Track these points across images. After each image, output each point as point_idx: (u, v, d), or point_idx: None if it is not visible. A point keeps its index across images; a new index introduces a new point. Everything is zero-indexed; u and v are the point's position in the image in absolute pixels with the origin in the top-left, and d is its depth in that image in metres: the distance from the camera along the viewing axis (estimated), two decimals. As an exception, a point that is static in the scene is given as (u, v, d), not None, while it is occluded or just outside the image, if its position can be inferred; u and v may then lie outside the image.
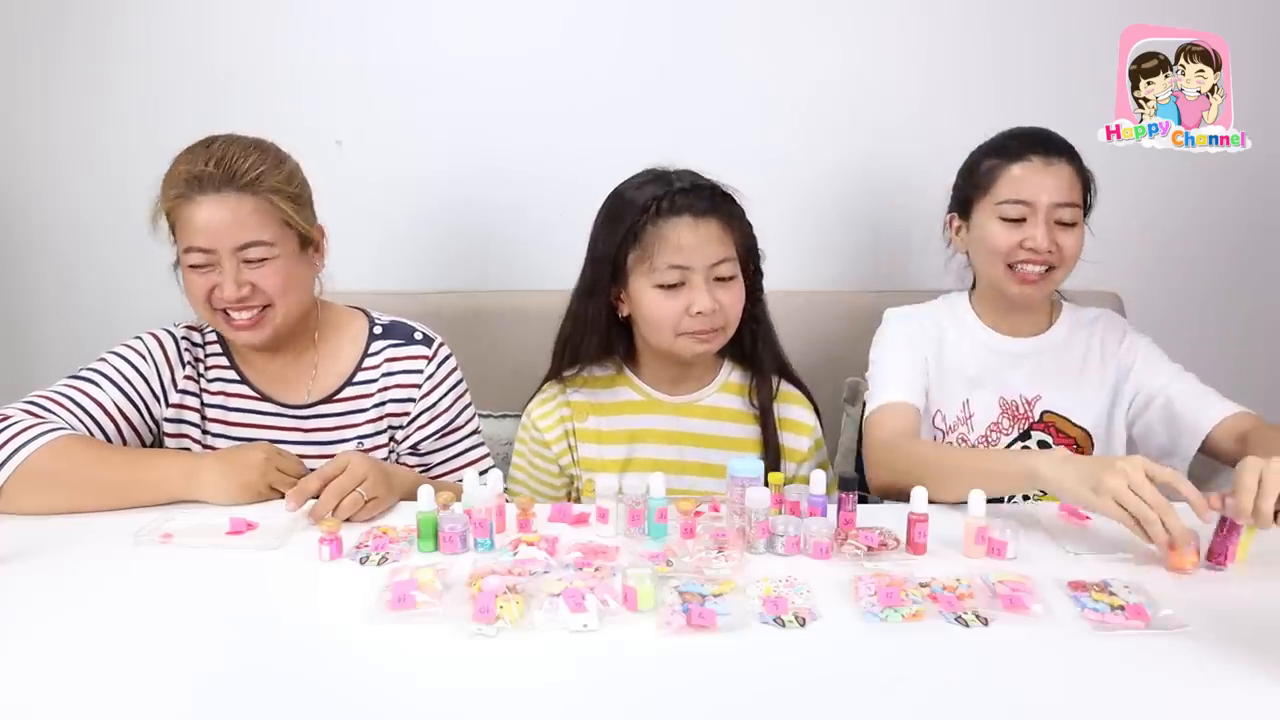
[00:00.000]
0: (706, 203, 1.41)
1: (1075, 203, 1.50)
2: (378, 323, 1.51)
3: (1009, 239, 1.51)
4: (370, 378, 1.47)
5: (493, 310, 1.98)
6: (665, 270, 1.40)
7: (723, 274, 1.42)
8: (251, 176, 1.32)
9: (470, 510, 1.18)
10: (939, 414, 1.60)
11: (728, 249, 1.42)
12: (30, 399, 1.34)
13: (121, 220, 2.04)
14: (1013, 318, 1.60)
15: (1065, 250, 1.50)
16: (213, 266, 1.33)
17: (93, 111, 2.00)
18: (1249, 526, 1.11)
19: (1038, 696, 0.88)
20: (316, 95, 1.98)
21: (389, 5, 1.97)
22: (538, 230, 2.05)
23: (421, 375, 1.47)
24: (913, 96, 2.02)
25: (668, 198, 1.41)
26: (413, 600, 1.01)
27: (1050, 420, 1.58)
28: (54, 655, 0.94)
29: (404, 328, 1.51)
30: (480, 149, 2.02)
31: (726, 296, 1.43)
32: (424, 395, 1.47)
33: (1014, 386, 1.59)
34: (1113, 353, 1.59)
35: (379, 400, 1.46)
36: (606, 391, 1.54)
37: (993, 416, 1.58)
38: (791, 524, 1.17)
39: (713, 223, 1.41)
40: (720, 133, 1.98)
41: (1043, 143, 1.52)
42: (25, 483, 1.24)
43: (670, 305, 1.42)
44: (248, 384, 1.46)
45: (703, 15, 1.99)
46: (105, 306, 2.06)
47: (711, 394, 1.54)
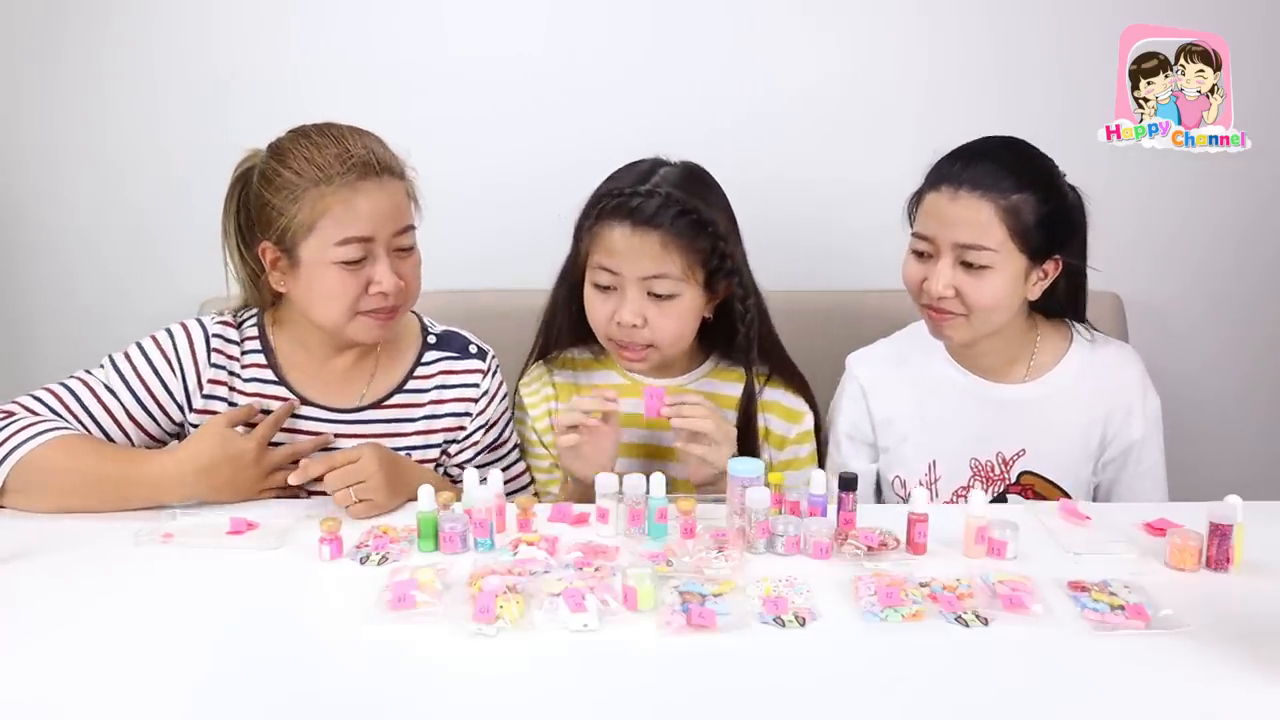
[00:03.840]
0: (658, 214, 1.34)
1: (981, 245, 1.29)
2: (431, 331, 1.48)
3: (915, 275, 1.36)
4: (422, 387, 1.43)
5: (492, 310, 1.97)
6: (597, 270, 1.39)
7: (658, 290, 1.36)
8: (399, 162, 1.31)
9: (470, 510, 1.18)
10: (898, 480, 1.45)
11: (666, 266, 1.35)
12: (41, 390, 1.33)
13: (121, 221, 2.05)
14: (993, 355, 1.40)
15: (968, 298, 1.31)
16: (365, 260, 1.28)
17: (92, 111, 1.99)
18: (1238, 525, 1.11)
19: (1038, 696, 0.88)
20: (316, 95, 1.98)
21: (389, 5, 1.97)
22: (537, 230, 2.03)
23: (478, 390, 1.45)
24: (911, 96, 2.01)
25: (621, 198, 1.36)
26: (413, 600, 1.01)
27: (1029, 482, 1.41)
28: (54, 655, 0.94)
29: (459, 339, 1.48)
30: (480, 149, 2.02)
31: (657, 314, 1.37)
32: (480, 412, 1.45)
33: (990, 441, 1.40)
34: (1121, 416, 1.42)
35: (430, 413, 1.43)
36: (588, 374, 1.53)
37: (961, 480, 1.42)
38: (791, 524, 1.17)
39: (653, 235, 1.34)
40: (720, 132, 1.97)
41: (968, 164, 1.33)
42: (21, 483, 1.23)
43: (600, 307, 1.40)
44: (286, 385, 1.40)
45: (703, 15, 1.99)
46: (104, 308, 2.05)
47: (697, 379, 1.52)
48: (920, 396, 1.45)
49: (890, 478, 1.48)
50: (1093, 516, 1.27)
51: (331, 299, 1.29)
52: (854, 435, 1.50)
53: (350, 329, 1.32)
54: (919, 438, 1.44)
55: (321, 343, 1.39)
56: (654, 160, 1.45)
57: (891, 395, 1.47)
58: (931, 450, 1.43)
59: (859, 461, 1.50)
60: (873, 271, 1.99)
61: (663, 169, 1.42)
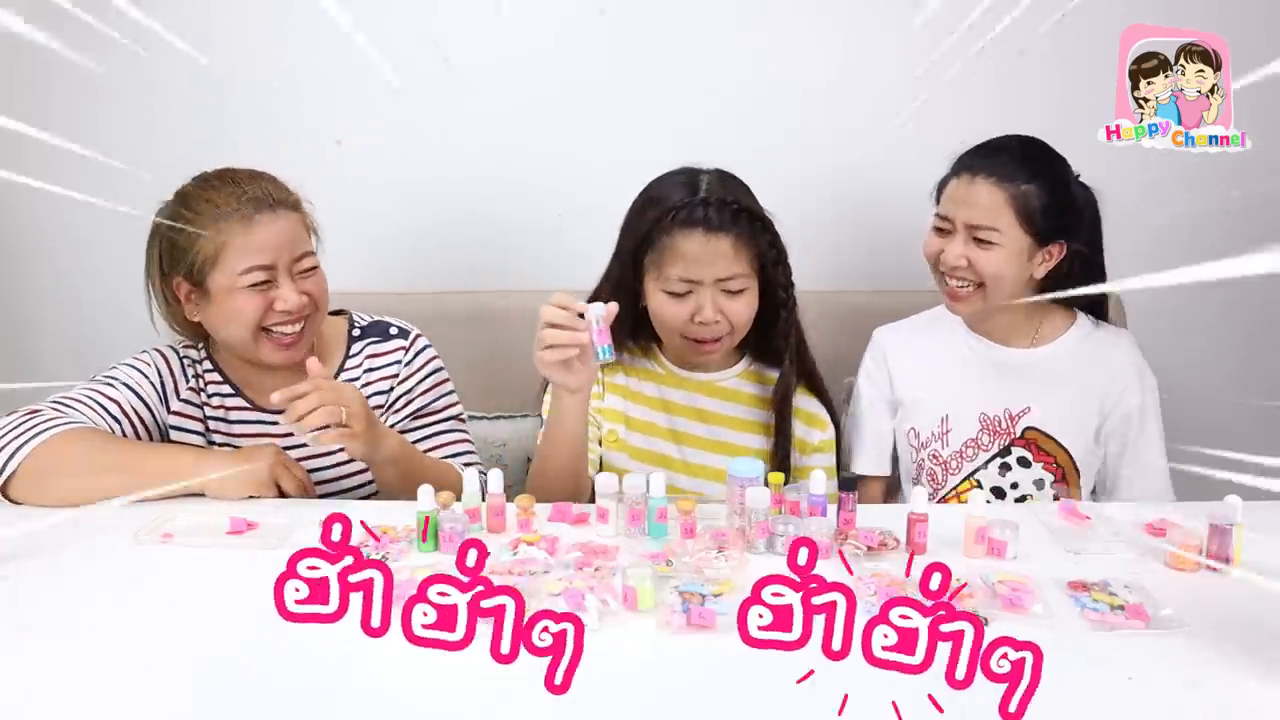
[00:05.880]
0: (723, 218, 1.42)
1: (991, 225, 1.48)
2: (357, 324, 1.56)
3: (934, 248, 1.55)
4: (352, 377, 1.51)
5: (491, 310, 1.98)
6: (675, 281, 1.44)
7: (731, 288, 1.45)
8: (293, 197, 1.43)
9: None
10: (912, 431, 1.62)
11: (738, 266, 1.44)
12: (54, 401, 1.38)
13: (118, 225, 2.03)
14: (1002, 324, 1.59)
15: (978, 267, 1.50)
16: (269, 283, 1.38)
17: (93, 111, 1.99)
18: (1238, 526, 1.11)
19: (1038, 696, 0.88)
20: (316, 95, 1.98)
21: (389, 5, 1.97)
22: (537, 230, 2.05)
23: (399, 364, 1.53)
24: (912, 96, 2.01)
25: (686, 209, 1.42)
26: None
27: (1032, 437, 1.57)
28: (54, 654, 0.94)
29: (381, 325, 1.56)
30: (480, 149, 2.02)
31: (732, 306, 1.46)
32: (401, 382, 1.52)
33: (998, 399, 1.57)
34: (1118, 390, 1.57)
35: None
36: (634, 359, 1.60)
37: (971, 433, 1.58)
38: (791, 524, 1.17)
39: (725, 239, 1.42)
40: (720, 133, 1.97)
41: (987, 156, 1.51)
42: (39, 468, 1.27)
43: (676, 310, 1.47)
44: (243, 397, 1.50)
45: (702, 15, 1.99)
46: (102, 310, 2.05)
47: (730, 378, 1.58)
48: (936, 357, 1.63)
49: (906, 429, 1.63)
50: (1092, 516, 1.27)
51: (237, 320, 1.39)
52: (874, 394, 1.67)
53: (259, 350, 1.41)
54: (933, 393, 1.60)
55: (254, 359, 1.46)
56: (688, 170, 1.50)
57: (910, 356, 1.64)
58: (944, 404, 1.59)
59: (878, 419, 1.66)
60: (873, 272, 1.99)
61: (704, 176, 1.48)
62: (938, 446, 1.60)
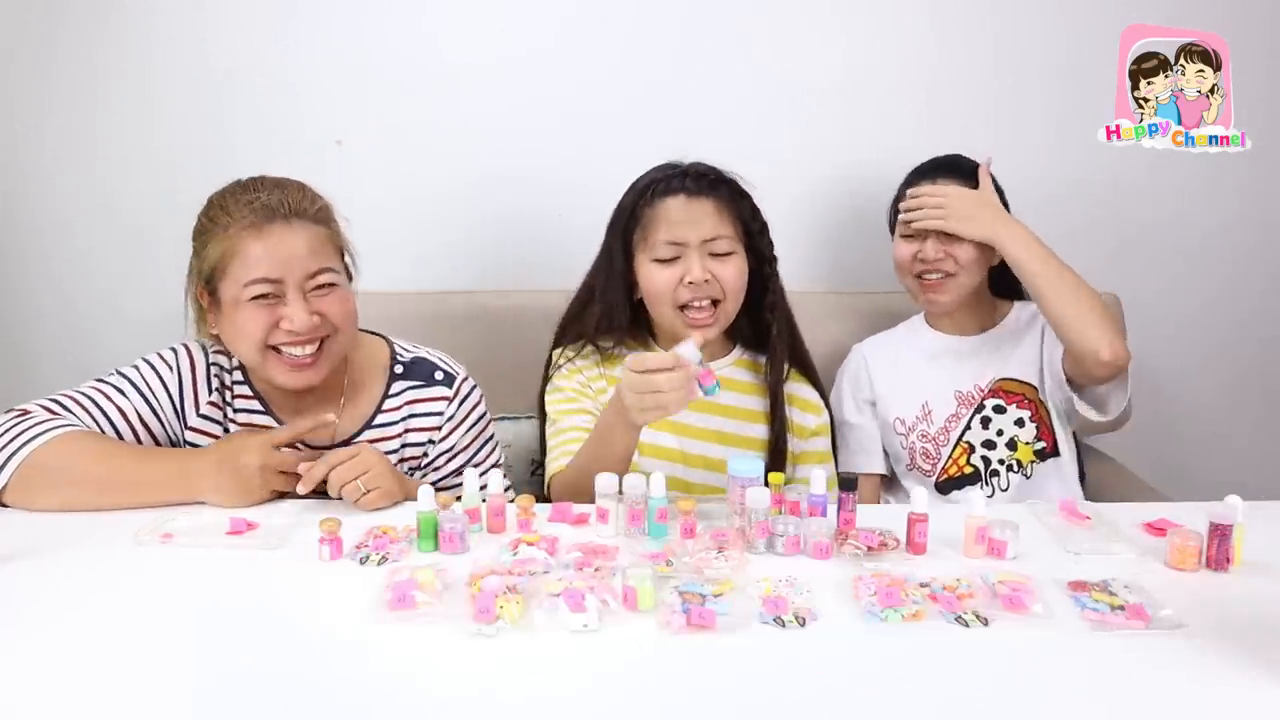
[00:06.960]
0: (702, 183, 1.49)
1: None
2: (399, 360, 1.48)
3: (907, 251, 1.71)
4: (391, 419, 1.45)
5: (491, 310, 1.98)
6: (662, 246, 1.48)
7: (718, 249, 1.49)
8: (318, 207, 1.35)
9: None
10: (898, 420, 1.76)
11: (723, 228, 1.49)
12: (54, 396, 1.35)
13: (117, 225, 2.04)
14: (959, 320, 1.77)
15: (960, 257, 1.67)
16: (277, 299, 1.31)
17: (91, 112, 1.99)
18: (1238, 525, 1.11)
19: (1038, 696, 0.88)
20: (316, 95, 1.98)
21: (389, 5, 1.97)
22: (537, 230, 2.05)
23: (441, 418, 1.46)
24: (913, 97, 2.02)
25: (664, 180, 1.50)
26: (413, 600, 1.01)
27: (1000, 385, 1.73)
28: (55, 655, 0.94)
29: (425, 366, 1.48)
30: (480, 148, 2.02)
31: (722, 269, 1.49)
32: (444, 438, 1.47)
33: (968, 377, 1.74)
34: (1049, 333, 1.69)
35: (403, 442, 1.45)
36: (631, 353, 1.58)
37: (950, 410, 1.74)
38: (791, 524, 1.17)
39: (707, 201, 1.49)
40: (720, 133, 1.97)
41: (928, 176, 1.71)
42: (31, 477, 1.25)
43: (665, 275, 1.49)
44: (272, 415, 1.43)
45: (702, 15, 1.99)
46: (99, 311, 2.05)
47: (725, 367, 1.60)
48: (908, 355, 1.80)
49: (891, 419, 1.77)
50: (1092, 516, 1.27)
51: (243, 335, 1.32)
52: (857, 394, 1.80)
53: (268, 370, 1.34)
54: (910, 383, 1.77)
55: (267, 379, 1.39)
56: (669, 163, 1.54)
57: (886, 357, 1.81)
58: (921, 391, 1.76)
59: (861, 417, 1.79)
60: (872, 272, 1.99)
61: (686, 163, 1.53)
62: (925, 427, 1.74)
